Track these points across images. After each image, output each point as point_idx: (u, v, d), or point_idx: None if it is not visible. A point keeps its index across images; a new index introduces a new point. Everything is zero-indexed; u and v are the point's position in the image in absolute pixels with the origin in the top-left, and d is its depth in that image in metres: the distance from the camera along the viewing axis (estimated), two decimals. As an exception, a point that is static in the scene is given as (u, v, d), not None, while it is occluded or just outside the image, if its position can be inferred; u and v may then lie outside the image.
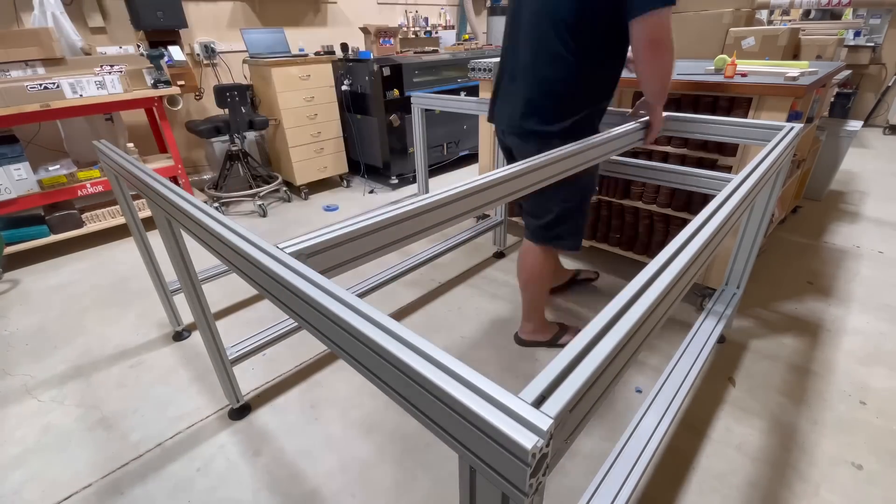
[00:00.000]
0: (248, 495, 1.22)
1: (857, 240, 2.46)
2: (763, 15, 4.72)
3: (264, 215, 3.04)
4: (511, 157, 1.51)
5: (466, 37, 4.53)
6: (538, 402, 0.39)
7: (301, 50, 3.42)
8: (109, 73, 2.44)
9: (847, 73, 2.87)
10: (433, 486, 1.24)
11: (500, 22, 5.13)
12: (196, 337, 1.82)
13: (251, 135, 3.42)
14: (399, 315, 1.97)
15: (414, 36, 4.31)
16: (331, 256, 0.78)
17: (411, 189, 3.50)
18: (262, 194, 3.08)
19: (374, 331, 0.49)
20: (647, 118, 1.41)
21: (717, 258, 1.80)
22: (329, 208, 3.16)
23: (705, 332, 1.51)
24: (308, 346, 1.76)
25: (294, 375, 1.63)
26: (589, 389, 0.43)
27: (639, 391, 1.52)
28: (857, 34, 4.75)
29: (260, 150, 3.56)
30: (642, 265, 0.61)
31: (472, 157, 4.01)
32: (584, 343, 0.46)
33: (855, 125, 2.69)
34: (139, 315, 1.99)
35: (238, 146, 3.03)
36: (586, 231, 2.24)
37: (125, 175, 1.27)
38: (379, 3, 4.17)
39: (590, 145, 1.20)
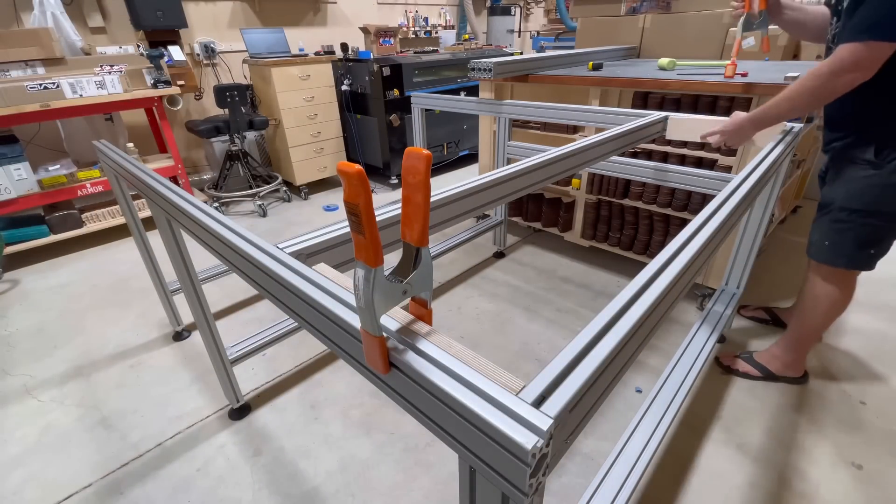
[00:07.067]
0: (248, 495, 1.22)
1: (857, 240, 2.46)
2: (763, 15, 4.71)
3: (264, 215, 3.04)
4: None
5: (466, 37, 4.52)
6: (538, 402, 0.39)
7: (301, 50, 3.42)
8: (109, 72, 2.44)
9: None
10: (433, 486, 1.24)
11: (500, 22, 5.13)
12: (196, 337, 1.82)
13: (251, 135, 3.42)
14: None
15: (414, 36, 4.31)
16: (331, 256, 0.78)
17: (411, 189, 3.50)
18: (261, 194, 3.08)
19: (373, 331, 0.49)
20: (724, 120, 1.32)
21: (717, 258, 1.80)
22: (329, 208, 3.17)
23: (705, 331, 1.51)
24: (308, 346, 1.76)
25: (294, 375, 1.63)
26: (589, 389, 0.43)
27: (639, 391, 1.52)
28: (857, 34, 4.73)
29: (260, 149, 3.56)
30: (642, 265, 0.61)
31: (472, 157, 4.01)
32: (584, 343, 0.46)
33: (855, 125, 2.68)
34: (139, 315, 1.99)
35: (238, 146, 3.03)
36: (586, 231, 2.24)
37: (125, 175, 1.27)
38: (379, 3, 4.17)
39: (590, 145, 1.20)
